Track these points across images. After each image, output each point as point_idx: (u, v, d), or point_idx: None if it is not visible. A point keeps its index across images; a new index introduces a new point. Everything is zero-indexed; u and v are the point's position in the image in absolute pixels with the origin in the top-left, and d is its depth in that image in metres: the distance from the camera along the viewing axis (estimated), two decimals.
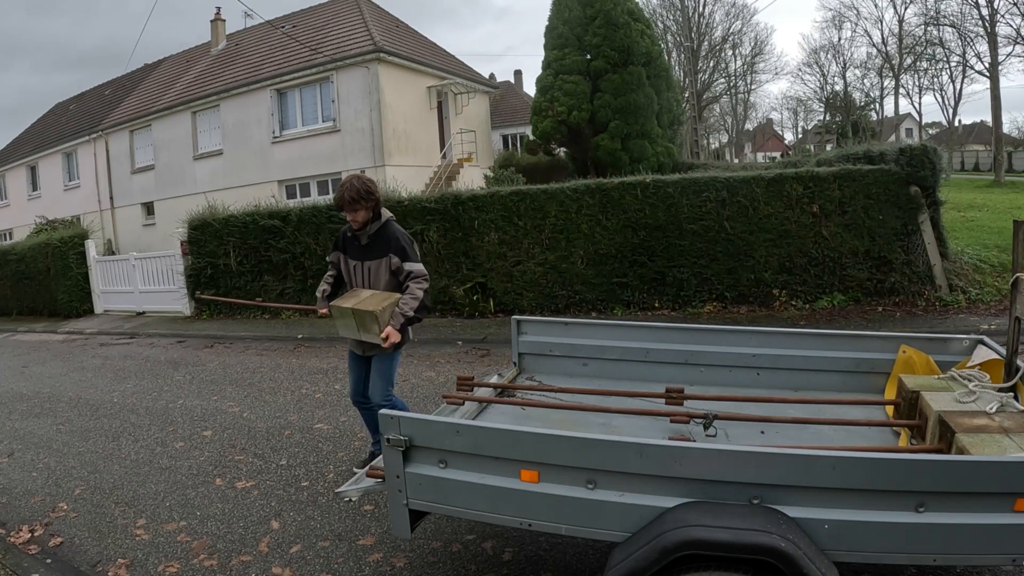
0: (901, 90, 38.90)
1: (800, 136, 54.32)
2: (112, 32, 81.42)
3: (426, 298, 3.89)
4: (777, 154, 47.60)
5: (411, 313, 3.80)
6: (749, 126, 53.50)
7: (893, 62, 37.58)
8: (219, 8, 23.71)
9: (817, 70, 44.40)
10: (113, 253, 20.75)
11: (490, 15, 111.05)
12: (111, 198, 23.29)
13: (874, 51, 40.19)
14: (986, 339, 3.30)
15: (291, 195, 18.74)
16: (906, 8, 35.77)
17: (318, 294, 4.23)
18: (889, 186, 8.40)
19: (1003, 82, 50.85)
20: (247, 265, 11.82)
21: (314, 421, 5.74)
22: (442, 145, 20.49)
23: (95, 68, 79.04)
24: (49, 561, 3.70)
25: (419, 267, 3.89)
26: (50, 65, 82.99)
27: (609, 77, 18.35)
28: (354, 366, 4.18)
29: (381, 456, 2.67)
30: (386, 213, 4.00)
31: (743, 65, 43.44)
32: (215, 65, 22.11)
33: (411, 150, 18.46)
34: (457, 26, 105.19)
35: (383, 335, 3.69)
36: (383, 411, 2.55)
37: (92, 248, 15.08)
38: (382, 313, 3.69)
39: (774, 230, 8.73)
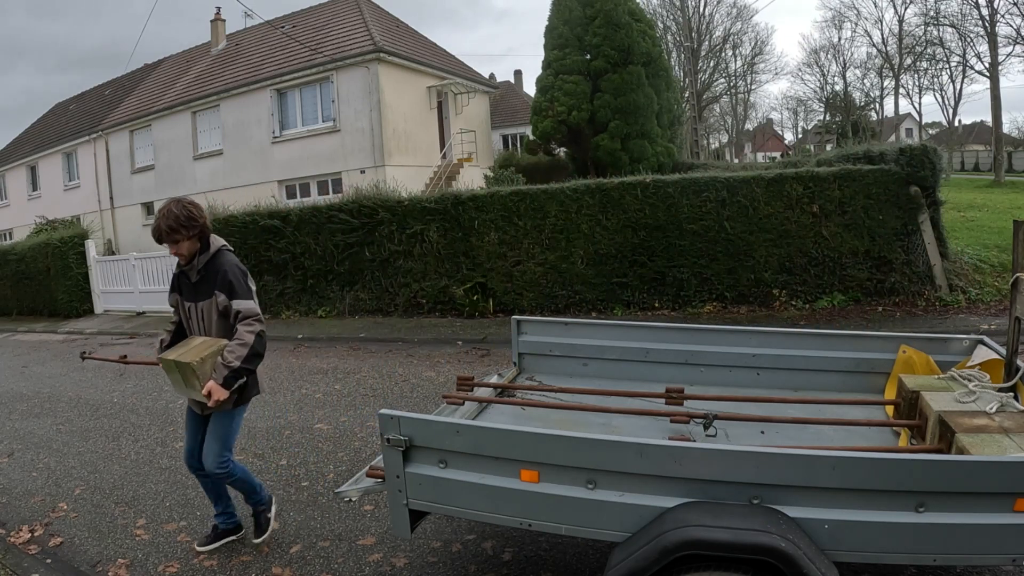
0: (901, 90, 38.94)
1: (800, 136, 54.34)
2: (115, 33, 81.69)
3: (259, 344, 3.24)
4: (777, 154, 47.60)
5: (236, 364, 3.14)
6: (749, 126, 53.54)
7: (893, 62, 37.58)
8: (219, 8, 23.77)
9: (817, 70, 44.46)
10: (113, 253, 20.74)
11: (491, 17, 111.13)
12: (111, 198, 23.29)
13: (874, 51, 40.27)
14: (986, 339, 3.30)
15: (291, 195, 18.75)
16: (906, 8, 35.81)
17: (156, 344, 3.59)
18: (889, 186, 8.40)
19: (1003, 82, 50.88)
20: (247, 265, 11.70)
21: (314, 421, 5.74)
22: (442, 145, 20.49)
23: (97, 69, 79.20)
24: (49, 561, 3.70)
25: (249, 305, 3.27)
26: (52, 66, 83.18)
27: (609, 77, 18.35)
28: (191, 425, 3.52)
29: (380, 456, 2.67)
30: (217, 241, 3.40)
31: (743, 65, 43.49)
32: (215, 65, 22.11)
33: (411, 150, 18.46)
34: (458, 27, 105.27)
35: (204, 391, 3.14)
36: (383, 411, 2.54)
37: (92, 248, 15.09)
38: (201, 365, 3.13)
39: (774, 230, 8.73)
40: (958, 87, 36.19)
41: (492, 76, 29.69)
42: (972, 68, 31.08)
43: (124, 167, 22.78)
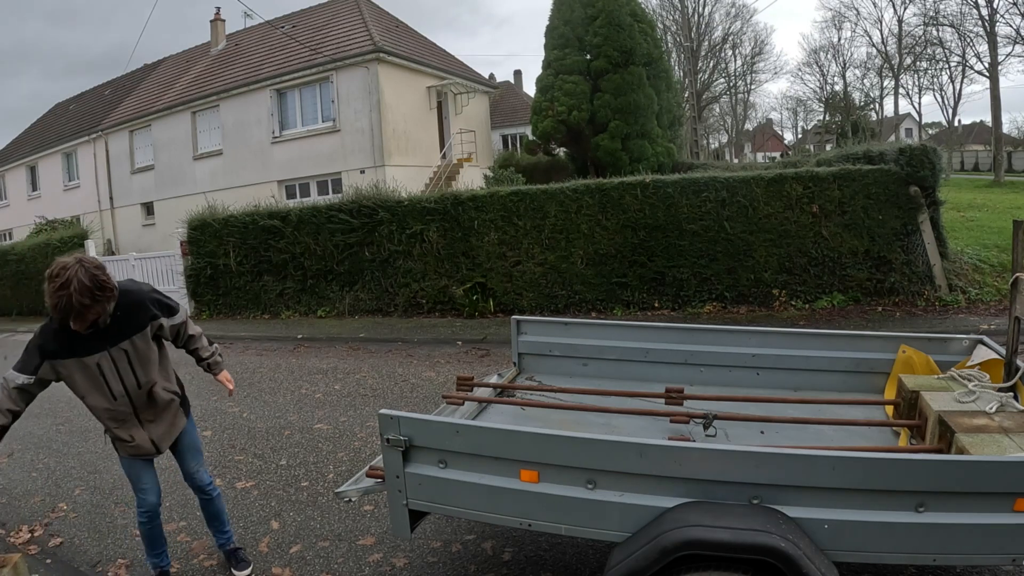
0: (901, 90, 38.87)
1: (800, 136, 54.31)
2: (124, 40, 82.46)
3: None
4: (777, 154, 47.60)
5: (216, 346, 3.28)
6: (749, 126, 53.51)
7: (893, 62, 37.54)
8: (219, 8, 23.73)
9: (817, 70, 44.41)
10: (113, 253, 20.75)
11: (492, 23, 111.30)
12: (111, 198, 23.28)
13: (874, 51, 40.21)
14: (986, 339, 3.30)
15: (291, 195, 18.74)
16: (906, 8, 35.69)
17: None
18: (889, 186, 8.40)
19: (1003, 82, 50.70)
20: (247, 265, 11.82)
21: (314, 421, 5.74)
22: (442, 145, 20.49)
23: (105, 74, 79.26)
24: (49, 561, 3.69)
25: (179, 312, 3.05)
26: (60, 71, 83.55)
27: (609, 77, 18.33)
28: (147, 470, 3.21)
29: (380, 456, 2.67)
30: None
31: (743, 65, 43.46)
32: (215, 65, 22.10)
33: (411, 150, 18.46)
34: (461, 34, 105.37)
35: (231, 387, 3.29)
36: (383, 411, 2.54)
37: (92, 248, 15.09)
38: None
39: (774, 230, 8.73)
40: (958, 87, 36.12)
41: (492, 76, 29.68)
42: (972, 68, 31.05)
43: (124, 167, 22.77)
